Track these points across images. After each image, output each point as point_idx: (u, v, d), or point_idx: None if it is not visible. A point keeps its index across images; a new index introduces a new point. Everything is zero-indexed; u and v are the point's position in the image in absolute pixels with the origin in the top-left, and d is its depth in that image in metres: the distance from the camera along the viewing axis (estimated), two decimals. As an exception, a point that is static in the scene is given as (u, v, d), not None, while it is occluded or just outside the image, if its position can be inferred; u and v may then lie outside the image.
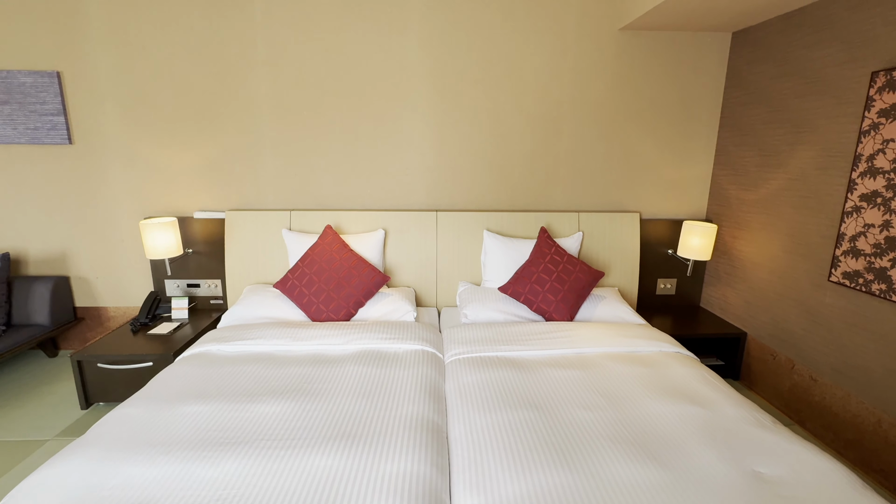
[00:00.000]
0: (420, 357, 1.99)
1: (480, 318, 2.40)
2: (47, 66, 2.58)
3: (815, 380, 2.19)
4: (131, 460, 1.27)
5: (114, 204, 2.76)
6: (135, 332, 2.45)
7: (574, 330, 2.21)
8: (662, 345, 2.10)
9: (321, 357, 1.96)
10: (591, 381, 1.79)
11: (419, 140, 2.74)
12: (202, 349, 2.01)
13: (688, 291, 3.01)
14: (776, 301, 2.41)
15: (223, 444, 1.34)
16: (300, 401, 1.59)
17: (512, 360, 1.96)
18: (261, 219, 2.70)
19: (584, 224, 2.79)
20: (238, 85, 2.63)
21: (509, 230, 2.77)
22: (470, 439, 1.42)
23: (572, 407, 1.60)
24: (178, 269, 2.78)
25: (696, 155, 2.86)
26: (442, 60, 2.64)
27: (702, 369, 1.91)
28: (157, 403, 1.57)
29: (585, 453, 1.34)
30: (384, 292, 2.51)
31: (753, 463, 1.33)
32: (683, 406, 1.60)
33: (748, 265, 2.60)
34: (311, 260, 2.43)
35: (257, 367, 1.84)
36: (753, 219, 2.55)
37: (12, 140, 2.63)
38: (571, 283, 2.42)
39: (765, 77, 2.44)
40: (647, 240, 2.91)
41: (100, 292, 2.90)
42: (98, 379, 2.25)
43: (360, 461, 1.28)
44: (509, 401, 1.62)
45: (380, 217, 2.73)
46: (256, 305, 2.39)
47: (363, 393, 1.66)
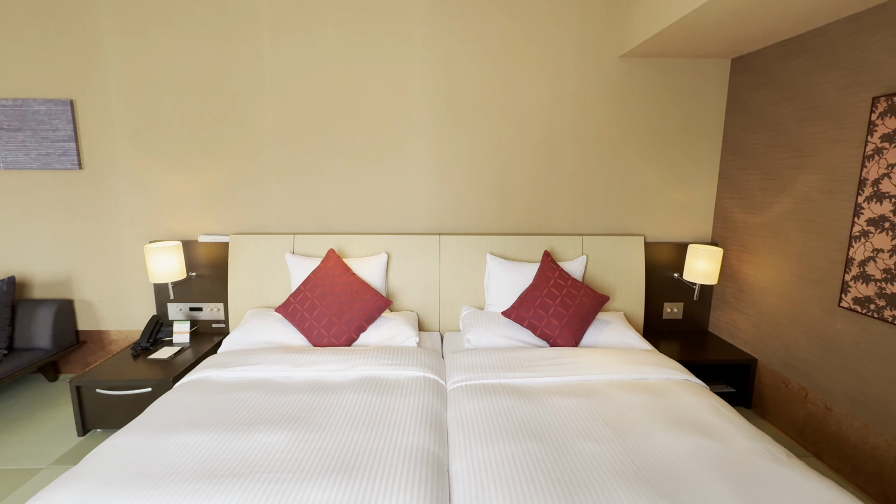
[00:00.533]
0: (421, 384, 1.95)
1: (484, 343, 2.37)
2: (61, 95, 2.65)
3: (830, 409, 2.11)
4: (122, 494, 1.23)
5: (120, 228, 2.79)
6: (135, 357, 2.43)
7: (579, 356, 2.17)
8: (670, 372, 2.05)
9: (321, 384, 1.93)
10: (596, 410, 1.74)
11: (422, 165, 2.76)
12: (201, 375, 1.98)
13: (695, 316, 2.96)
14: (786, 326, 2.35)
15: (217, 476, 1.30)
16: (298, 430, 1.56)
17: (515, 388, 1.92)
18: (264, 242, 2.71)
19: (587, 247, 2.77)
20: (245, 112, 2.68)
21: (513, 254, 2.75)
22: (471, 473, 1.37)
23: (577, 438, 1.55)
24: (181, 293, 2.78)
25: (700, 178, 2.86)
26: (444, 87, 2.68)
27: (712, 398, 1.85)
28: (153, 433, 1.54)
29: (591, 489, 1.29)
30: (386, 316, 2.49)
31: (767, 500, 1.27)
32: (693, 438, 1.55)
33: (756, 289, 2.56)
34: (313, 284, 2.43)
35: (256, 395, 1.81)
36: (760, 242, 2.52)
37: (24, 166, 2.69)
38: (576, 308, 2.38)
39: (765, 102, 2.46)
40: (652, 263, 2.88)
41: (103, 315, 2.90)
42: (96, 405, 2.22)
43: (357, 496, 1.23)
44: (512, 431, 1.58)
45: (383, 240, 2.73)
46: (257, 330, 2.37)
47: (362, 422, 1.62)
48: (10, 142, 2.66)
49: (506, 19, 2.63)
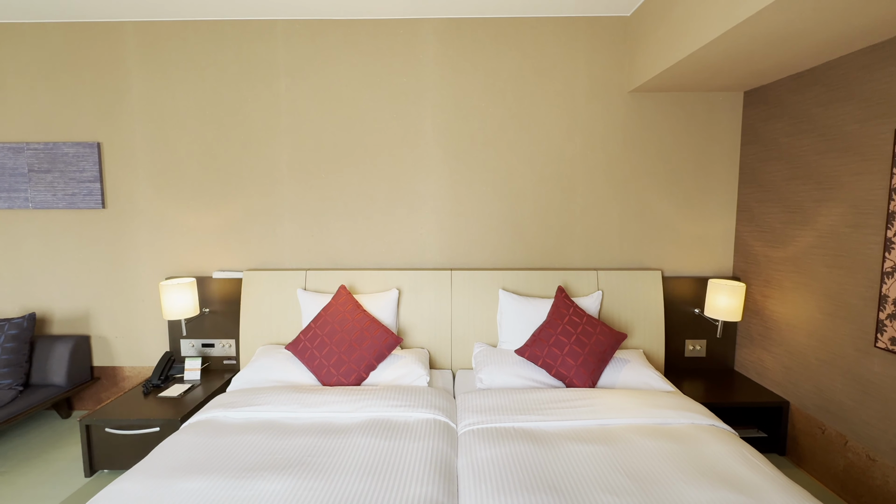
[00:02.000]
0: (432, 427, 1.88)
1: (496, 383, 2.29)
2: (89, 138, 2.77)
3: (873, 459, 1.95)
4: (118, 546, 1.19)
5: (138, 264, 2.84)
6: (146, 395, 2.42)
7: (596, 398, 2.07)
8: (695, 416, 1.94)
9: (328, 426, 1.87)
10: (616, 458, 1.64)
11: (433, 201, 2.77)
12: (208, 416, 1.95)
13: (720, 354, 2.83)
14: (819, 367, 2.22)
15: (216, 529, 1.25)
16: (302, 477, 1.50)
17: (530, 433, 1.83)
18: (277, 278, 2.72)
19: (603, 282, 2.70)
20: (261, 151, 2.75)
21: (525, 289, 2.70)
22: (482, 529, 1.29)
23: (596, 490, 1.45)
24: (194, 329, 2.79)
25: (717, 211, 2.79)
26: (455, 125, 2.72)
27: (741, 446, 1.73)
28: (154, 478, 1.50)
29: (611, 551, 1.19)
30: (397, 354, 2.44)
31: (810, 568, 1.15)
32: (723, 493, 1.43)
33: (783, 327, 2.43)
34: (323, 321, 2.41)
35: (262, 438, 1.77)
36: (785, 277, 2.42)
37: (51, 205, 2.79)
38: (592, 346, 2.30)
39: (781, 134, 2.41)
40: (671, 299, 2.79)
41: (118, 352, 2.92)
42: (105, 444, 2.20)
43: (359, 554, 1.16)
44: (527, 483, 1.49)
45: (394, 276, 2.72)
46: (267, 368, 2.34)
47: (369, 470, 1.56)
48: (40, 182, 2.77)
49: (516, 56, 2.68)
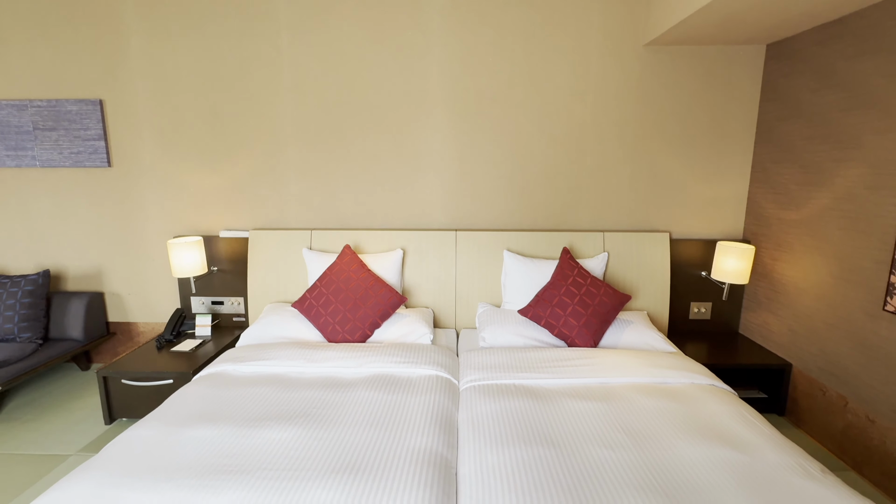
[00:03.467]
0: (434, 383, 1.92)
1: (499, 342, 2.32)
2: (91, 95, 2.74)
3: (872, 421, 1.97)
4: (134, 486, 1.26)
5: (146, 223, 2.87)
6: (159, 349, 2.50)
7: (597, 357, 2.09)
8: (695, 376, 1.95)
9: (334, 380, 1.93)
10: (614, 415, 1.67)
11: (439, 160, 2.72)
12: (218, 369, 2.01)
13: (725, 317, 2.82)
14: (825, 330, 2.20)
15: (226, 472, 1.31)
16: (308, 427, 1.56)
17: (530, 389, 1.86)
18: (283, 238, 2.73)
19: (609, 244, 2.68)
20: (264, 109, 2.70)
21: (531, 250, 2.69)
22: (479, 478, 1.34)
23: (592, 445, 1.49)
24: (203, 287, 2.84)
25: (731, 172, 2.71)
26: (462, 82, 2.63)
27: (740, 406, 1.75)
28: (167, 426, 1.57)
29: (603, 500, 1.23)
30: (401, 313, 2.47)
31: (797, 519, 1.18)
32: (718, 449, 1.46)
33: (792, 290, 2.41)
34: (328, 280, 2.43)
35: (269, 390, 1.83)
36: (796, 240, 2.37)
37: (58, 164, 2.79)
38: (595, 307, 2.30)
39: (804, 90, 2.30)
40: (678, 261, 2.76)
41: (131, 308, 3.00)
42: (122, 395, 2.30)
43: (362, 497, 1.22)
44: (524, 435, 1.53)
45: (398, 236, 2.71)
46: (274, 325, 2.39)
47: (373, 421, 1.61)
48: (45, 141, 2.77)
49: (525, 9, 2.55)
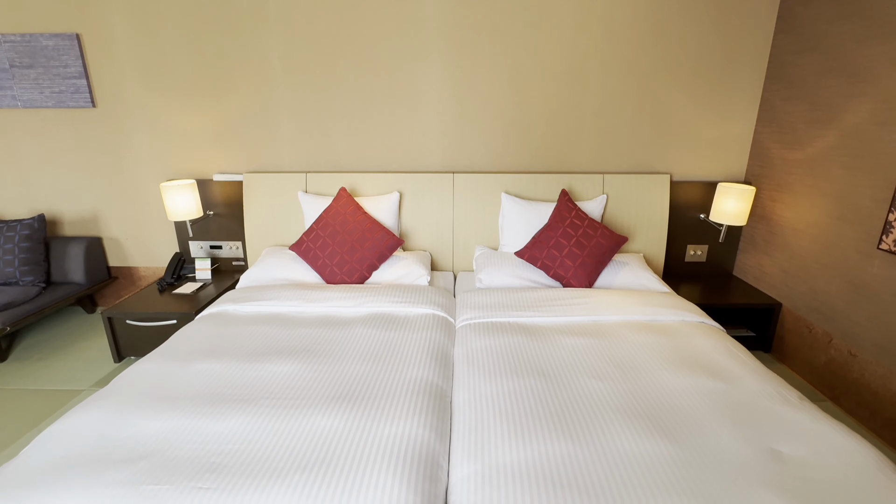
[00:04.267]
0: (431, 321, 1.97)
1: (496, 284, 2.35)
2: (66, 29, 2.59)
3: (854, 355, 2.04)
4: (143, 413, 1.32)
5: (138, 167, 2.82)
6: (161, 292, 2.54)
7: (591, 297, 2.13)
8: (686, 314, 2.00)
9: (332, 319, 1.97)
10: (604, 349, 1.73)
11: (435, 99, 2.62)
12: (219, 309, 2.06)
13: (720, 259, 2.84)
14: (817, 270, 2.23)
15: (231, 400, 1.38)
16: (308, 361, 1.61)
17: (524, 327, 1.91)
18: (278, 181, 2.69)
19: (608, 186, 2.64)
20: (251, 44, 2.56)
21: (529, 193, 2.66)
22: (473, 406, 1.40)
23: (582, 376, 1.55)
24: (200, 231, 2.84)
25: (738, 111, 2.62)
26: (459, 14, 2.47)
27: (727, 341, 1.80)
28: (173, 360, 1.62)
29: (591, 424, 1.30)
30: (398, 255, 2.49)
31: (773, 441, 1.25)
32: (702, 379, 1.52)
33: (788, 231, 2.41)
34: (325, 222, 2.42)
35: (270, 328, 1.87)
36: (797, 181, 2.33)
37: (40, 104, 2.69)
38: (591, 248, 2.31)
39: (821, 20, 2.17)
40: (677, 204, 2.74)
41: (131, 253, 3.02)
42: (128, 335, 2.36)
43: (360, 423, 1.28)
44: (517, 368, 1.59)
45: (395, 179, 2.67)
46: (273, 267, 2.42)
47: (371, 355, 1.66)
48: (24, 79, 2.65)
49: (528, -72, 2.35)
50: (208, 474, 1.08)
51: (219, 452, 1.16)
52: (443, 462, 1.22)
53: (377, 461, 1.13)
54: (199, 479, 1.06)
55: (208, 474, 1.08)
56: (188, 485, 1.05)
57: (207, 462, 1.12)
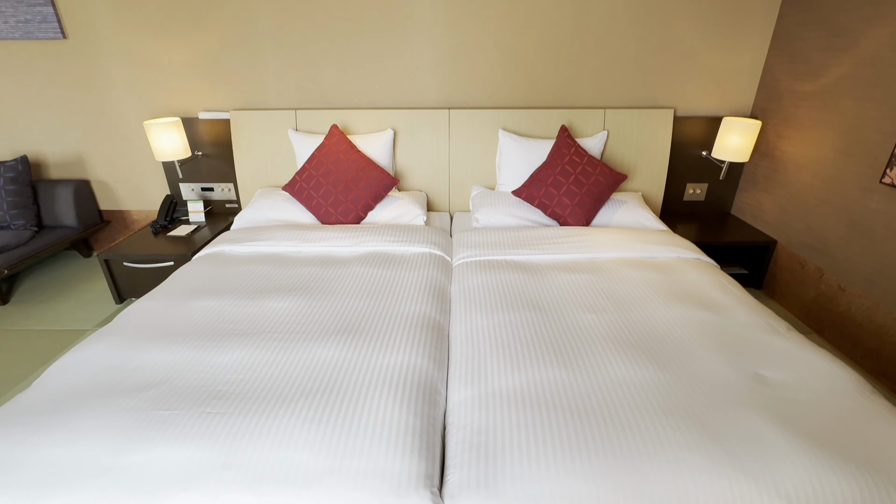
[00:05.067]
0: (428, 259, 1.97)
1: (492, 223, 2.34)
2: (24, -53, 2.36)
3: (843, 289, 2.08)
4: (149, 347, 1.35)
5: (119, 105, 2.69)
6: (156, 234, 2.52)
7: (588, 235, 2.13)
8: (681, 251, 2.01)
9: (329, 258, 1.97)
10: (599, 285, 1.75)
11: (429, 30, 2.46)
12: (215, 249, 2.05)
13: (719, 197, 2.82)
14: (815, 207, 2.22)
15: (233, 335, 1.40)
16: (307, 298, 1.63)
17: (521, 264, 1.92)
18: (266, 119, 2.59)
19: (609, 122, 2.56)
20: (227, -37, 2.35)
21: (527, 129, 2.57)
22: (469, 338, 1.44)
23: (577, 309, 1.58)
24: (190, 173, 2.77)
25: (750, 39, 2.48)
26: (455, -76, 2.26)
27: (720, 276, 1.83)
28: (173, 298, 1.64)
29: (584, 353, 1.34)
30: (394, 195, 2.45)
31: (758, 367, 1.30)
32: (693, 311, 1.56)
33: (790, 167, 2.37)
34: (317, 161, 2.36)
35: (267, 267, 1.88)
36: (805, 114, 2.26)
37: (7, 35, 2.52)
38: (589, 186, 2.28)
39: (849, -69, 1.99)
40: (679, 140, 2.66)
41: (121, 196, 2.96)
42: (127, 277, 2.37)
43: (361, 354, 1.32)
44: (513, 302, 1.61)
45: (388, 116, 2.57)
46: (267, 208, 2.38)
47: (368, 292, 1.68)
48: (-14, 7, 2.46)
49: None
50: (216, 401, 1.12)
51: (224, 381, 1.19)
52: (441, 389, 1.27)
53: (378, 387, 1.17)
54: (207, 405, 1.11)
55: (216, 401, 1.12)
56: (198, 410, 1.09)
57: (214, 390, 1.16)
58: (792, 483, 0.96)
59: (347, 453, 0.98)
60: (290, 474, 0.94)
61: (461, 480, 0.96)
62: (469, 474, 0.97)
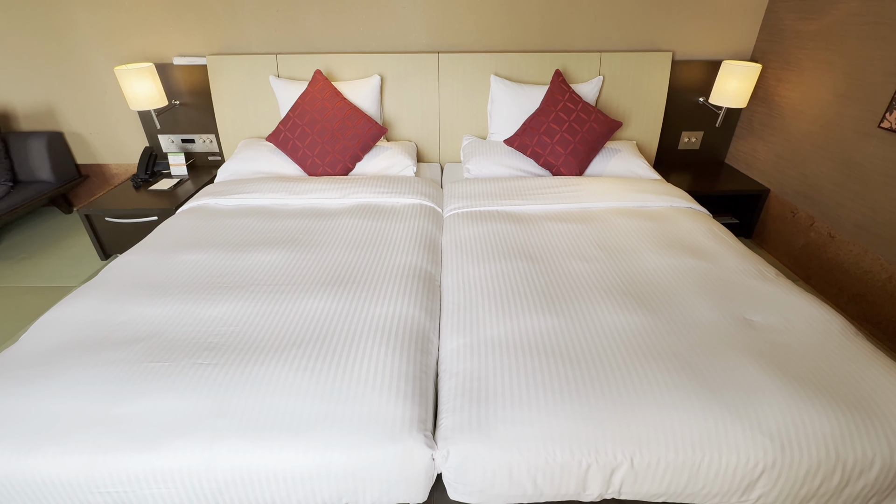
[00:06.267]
0: (418, 211, 1.94)
1: (484, 173, 2.29)
2: None
3: (832, 237, 2.09)
4: (136, 301, 1.33)
5: (87, 50, 2.51)
6: (137, 188, 2.44)
7: (581, 185, 2.09)
8: (674, 200, 1.99)
9: (317, 210, 1.93)
10: (592, 234, 1.73)
11: (417, -40, 2.28)
12: (200, 203, 1.99)
13: (714, 146, 2.77)
14: (811, 153, 2.19)
15: (221, 287, 1.38)
16: (296, 250, 1.60)
17: (512, 215, 1.90)
18: (245, 64, 2.44)
19: (605, 67, 2.45)
20: None
21: (520, 75, 2.47)
22: (461, 287, 1.43)
23: (568, 258, 1.57)
24: (168, 124, 2.65)
25: (755, -26, 2.34)
26: None
27: (711, 224, 1.82)
28: (158, 252, 1.60)
29: (574, 300, 1.34)
30: (383, 146, 2.37)
31: (746, 311, 1.32)
32: (684, 259, 1.56)
33: (788, 113, 2.31)
34: (301, 110, 2.26)
35: (253, 220, 1.83)
36: (807, 56, 2.18)
37: (-47, -30, 2.30)
38: (584, 134, 2.21)
39: None
40: (676, 85, 2.57)
41: (98, 149, 2.83)
42: (109, 232, 2.31)
43: (352, 304, 1.31)
44: (505, 252, 1.60)
45: (375, 61, 2.44)
46: (251, 160, 2.30)
47: (358, 244, 1.66)
48: (-75, -63, 2.23)
49: None
50: (207, 352, 1.12)
51: (215, 333, 1.19)
52: (433, 337, 1.27)
53: (370, 336, 1.17)
54: (198, 356, 1.10)
55: (207, 352, 1.12)
56: (188, 361, 1.09)
57: (205, 342, 1.16)
58: (775, 420, 1.00)
59: (341, 400, 0.99)
60: (284, 421, 0.95)
61: (454, 424, 0.99)
62: (462, 418, 0.99)
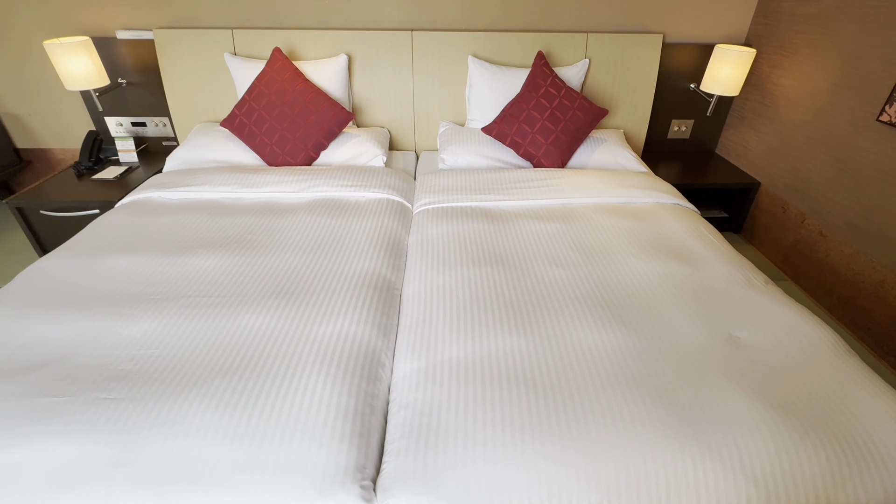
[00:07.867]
0: (385, 207, 1.77)
1: (460, 164, 2.12)
2: None
3: (823, 235, 1.98)
4: (45, 316, 1.16)
5: (15, 21, 2.25)
6: (79, 177, 2.23)
7: (563, 178, 1.94)
8: (661, 195, 1.86)
9: (273, 206, 1.75)
10: (571, 234, 1.59)
11: (385, -75, 2.06)
12: (140, 196, 1.80)
13: (704, 135, 2.63)
14: (804, 145, 2.06)
15: (146, 300, 1.22)
16: (240, 254, 1.43)
17: (487, 211, 1.74)
18: (198, 40, 2.22)
19: (592, 49, 2.28)
20: None
21: (501, 56, 2.28)
22: (422, 298, 1.29)
23: (543, 263, 1.43)
24: (114, 105, 2.41)
25: (753, -51, 2.17)
26: None
27: (698, 223, 1.69)
28: (84, 255, 1.42)
29: (546, 315, 1.20)
30: (351, 133, 2.18)
31: (732, 327, 1.20)
32: (668, 264, 1.43)
33: (782, 102, 2.17)
34: (258, 92, 2.05)
35: (200, 217, 1.65)
36: (803, 41, 2.03)
37: None
38: (567, 122, 2.05)
39: None
40: (667, 71, 2.41)
41: (39, 132, 2.59)
42: (47, 227, 2.11)
43: (294, 322, 1.15)
44: (475, 256, 1.45)
45: (342, 38, 2.23)
46: (205, 147, 2.10)
47: (313, 246, 1.49)
48: None
49: None
50: (114, 383, 0.96)
51: (128, 359, 1.03)
52: (385, 360, 1.13)
53: (309, 363, 1.02)
54: (103, 389, 0.94)
55: (114, 383, 0.96)
56: (90, 395, 0.93)
57: (115, 370, 1.00)
58: (759, 460, 0.88)
59: (265, 444, 0.85)
60: (195, 471, 0.81)
61: (396, 471, 0.85)
62: (406, 463, 0.86)
